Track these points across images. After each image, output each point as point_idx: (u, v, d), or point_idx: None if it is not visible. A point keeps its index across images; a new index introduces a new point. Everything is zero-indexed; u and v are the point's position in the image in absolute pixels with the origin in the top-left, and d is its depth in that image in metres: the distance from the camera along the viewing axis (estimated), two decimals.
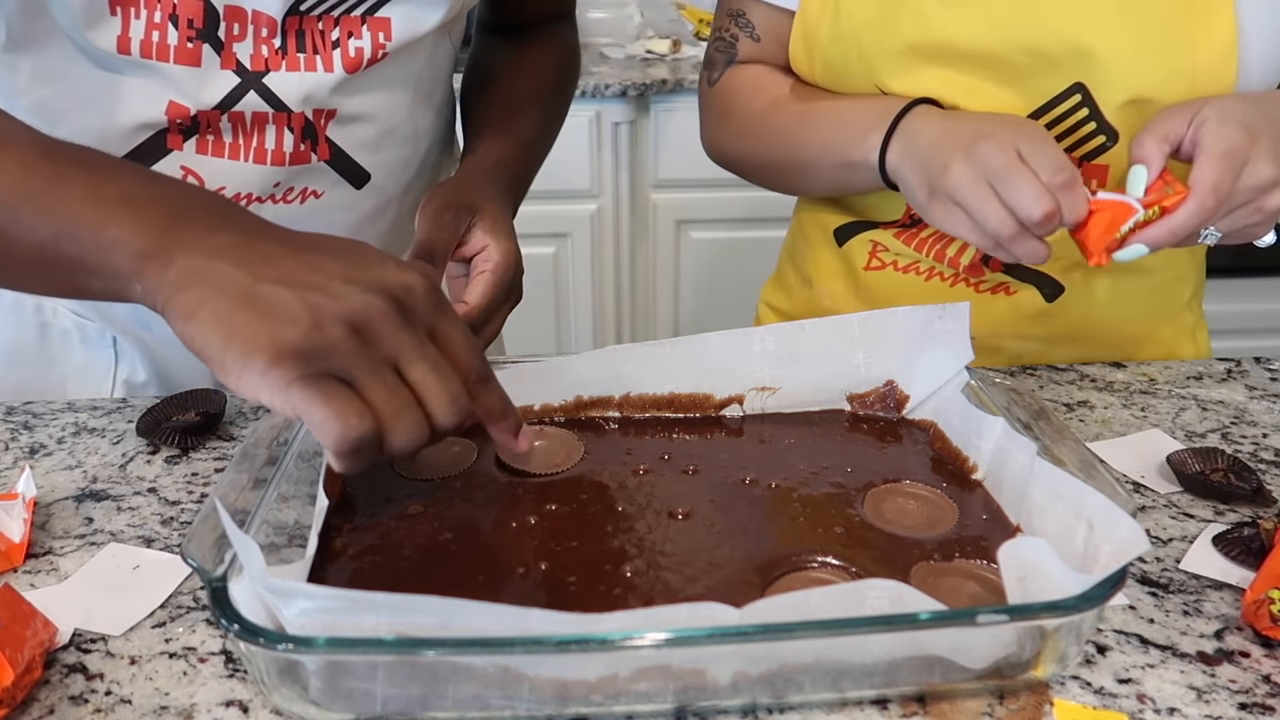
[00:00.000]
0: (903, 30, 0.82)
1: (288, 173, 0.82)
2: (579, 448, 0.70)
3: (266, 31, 0.77)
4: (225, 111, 0.78)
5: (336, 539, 0.60)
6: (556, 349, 2.46)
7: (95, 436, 0.79)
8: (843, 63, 0.85)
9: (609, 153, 2.32)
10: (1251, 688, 0.53)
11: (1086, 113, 0.80)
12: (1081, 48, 0.78)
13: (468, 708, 0.50)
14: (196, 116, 0.78)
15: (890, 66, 0.83)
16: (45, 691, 0.54)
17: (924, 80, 0.83)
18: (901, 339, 0.73)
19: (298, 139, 0.81)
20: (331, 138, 0.83)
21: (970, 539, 0.60)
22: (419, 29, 0.81)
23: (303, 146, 0.82)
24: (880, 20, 0.83)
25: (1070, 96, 0.80)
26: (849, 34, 0.84)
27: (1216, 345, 1.01)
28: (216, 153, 0.80)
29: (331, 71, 0.79)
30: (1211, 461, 0.71)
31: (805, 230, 1.01)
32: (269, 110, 0.79)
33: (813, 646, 0.49)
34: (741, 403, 0.75)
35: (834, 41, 0.85)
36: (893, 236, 0.91)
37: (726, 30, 0.95)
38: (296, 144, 0.81)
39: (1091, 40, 0.78)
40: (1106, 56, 0.78)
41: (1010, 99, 0.81)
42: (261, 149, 0.80)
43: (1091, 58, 0.78)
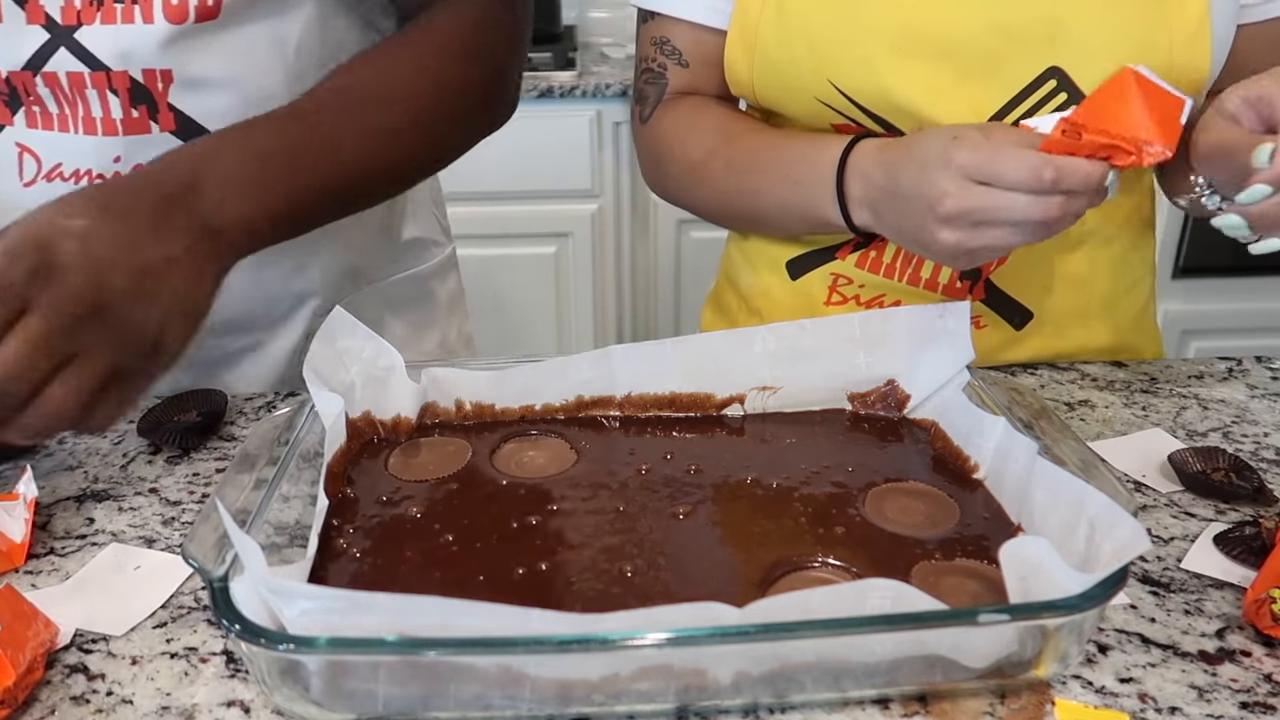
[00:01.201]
0: (862, 18, 0.79)
1: (125, 144, 0.75)
2: (570, 456, 0.70)
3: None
4: (37, 72, 0.72)
5: (337, 539, 0.60)
6: (557, 349, 2.46)
7: (96, 437, 0.79)
8: (789, 62, 0.82)
9: (610, 152, 2.32)
10: (1253, 687, 0.53)
11: (1065, 97, 0.78)
12: (1055, 23, 0.76)
13: (469, 708, 0.50)
14: (10, 81, 0.72)
15: (846, 61, 0.80)
16: (47, 692, 0.54)
17: (884, 75, 0.79)
18: (902, 338, 0.73)
19: (126, 104, 0.74)
20: (176, 105, 0.75)
21: (971, 538, 0.60)
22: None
23: (135, 113, 0.74)
24: (835, 10, 0.79)
25: (1045, 83, 0.78)
26: (797, 28, 0.80)
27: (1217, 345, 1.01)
28: (46, 125, 0.74)
29: (151, 22, 0.72)
30: (1213, 461, 0.71)
31: (749, 258, 0.96)
32: (85, 71, 0.72)
33: (814, 646, 0.49)
34: (742, 402, 0.75)
35: (779, 39, 0.81)
36: (854, 266, 0.87)
37: (653, 60, 0.90)
38: (126, 110, 0.74)
39: (1066, 20, 0.76)
40: (1081, 31, 0.76)
41: (979, 93, 0.79)
42: (89, 117, 0.74)
43: (1065, 34, 0.76)
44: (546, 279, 2.43)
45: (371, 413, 0.71)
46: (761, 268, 0.94)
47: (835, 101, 0.82)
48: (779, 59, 0.82)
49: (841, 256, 0.88)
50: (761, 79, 0.84)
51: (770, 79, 0.84)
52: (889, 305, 0.88)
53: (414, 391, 0.72)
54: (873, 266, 0.87)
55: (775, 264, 0.93)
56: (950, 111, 0.79)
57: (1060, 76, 0.78)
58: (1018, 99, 0.79)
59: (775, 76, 0.83)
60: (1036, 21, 0.77)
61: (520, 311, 2.44)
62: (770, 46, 0.82)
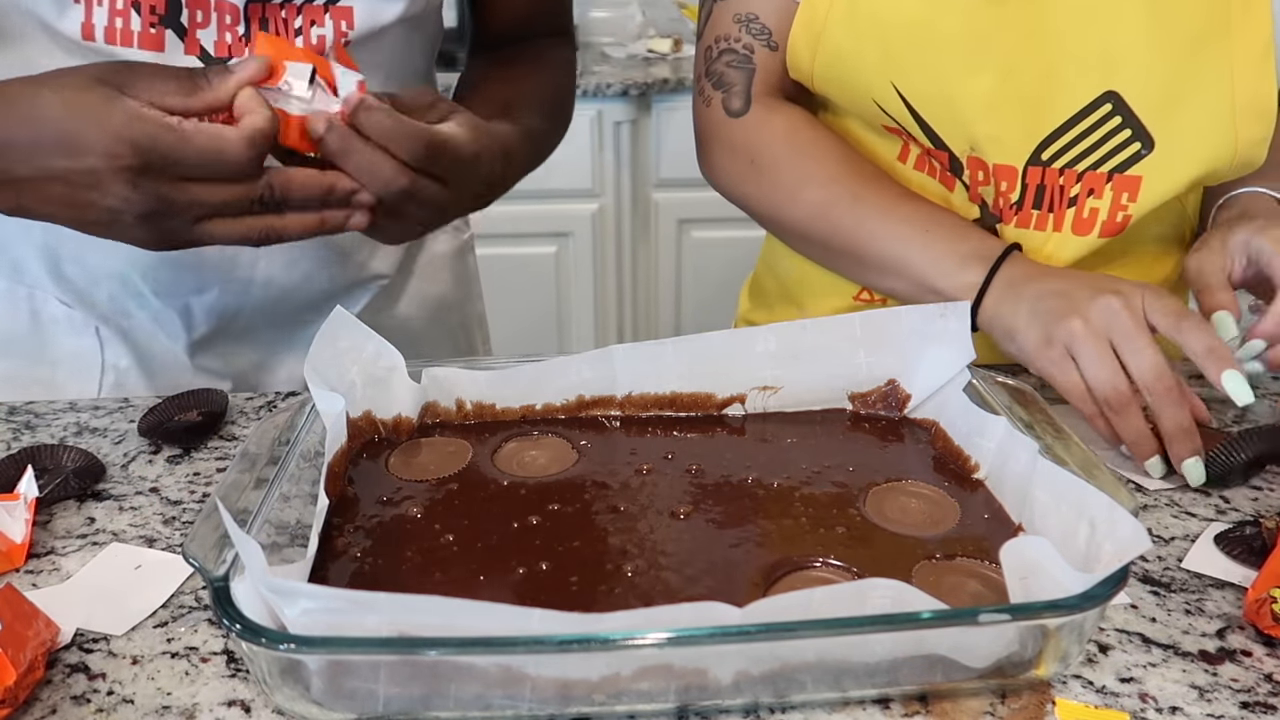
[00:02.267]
0: (938, 26, 0.78)
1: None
2: (571, 456, 0.70)
3: (230, 18, 0.77)
4: None
5: (338, 539, 0.60)
6: (558, 349, 2.46)
7: (97, 436, 0.79)
8: (855, 57, 0.81)
9: (610, 152, 2.32)
10: (1253, 686, 0.53)
11: (1119, 120, 0.78)
12: (1113, 50, 0.76)
13: (470, 707, 0.50)
14: None
15: (914, 66, 0.79)
16: (47, 691, 0.54)
17: (950, 85, 0.79)
18: (903, 338, 0.73)
19: None
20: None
21: (972, 538, 0.60)
22: (380, 19, 0.82)
23: None
24: (909, 11, 0.78)
25: (1100, 106, 0.78)
26: (868, 26, 0.80)
27: None
28: None
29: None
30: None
31: (794, 253, 0.96)
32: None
33: (815, 646, 0.49)
34: (743, 402, 0.74)
35: (849, 33, 0.80)
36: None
37: (736, 40, 0.85)
38: None
39: (1124, 41, 0.76)
40: (1139, 58, 0.76)
41: (1036, 113, 0.79)
42: None
43: (1123, 60, 0.76)
44: (547, 279, 2.43)
45: (372, 412, 0.71)
46: (799, 257, 0.94)
47: (892, 105, 0.82)
48: (846, 53, 0.81)
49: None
50: (823, 69, 0.83)
51: (832, 70, 0.83)
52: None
53: (415, 391, 0.72)
54: None
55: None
56: (1007, 129, 0.80)
57: (1116, 101, 0.78)
58: (1073, 120, 0.79)
59: (837, 69, 0.82)
60: (1094, 45, 0.77)
61: (521, 311, 2.44)
62: (838, 39, 0.81)
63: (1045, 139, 0.80)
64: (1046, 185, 0.82)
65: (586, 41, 2.65)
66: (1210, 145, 0.78)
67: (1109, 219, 0.81)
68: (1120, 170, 0.80)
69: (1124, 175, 0.80)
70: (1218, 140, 0.78)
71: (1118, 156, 0.80)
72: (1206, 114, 0.77)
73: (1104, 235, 0.82)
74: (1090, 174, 0.80)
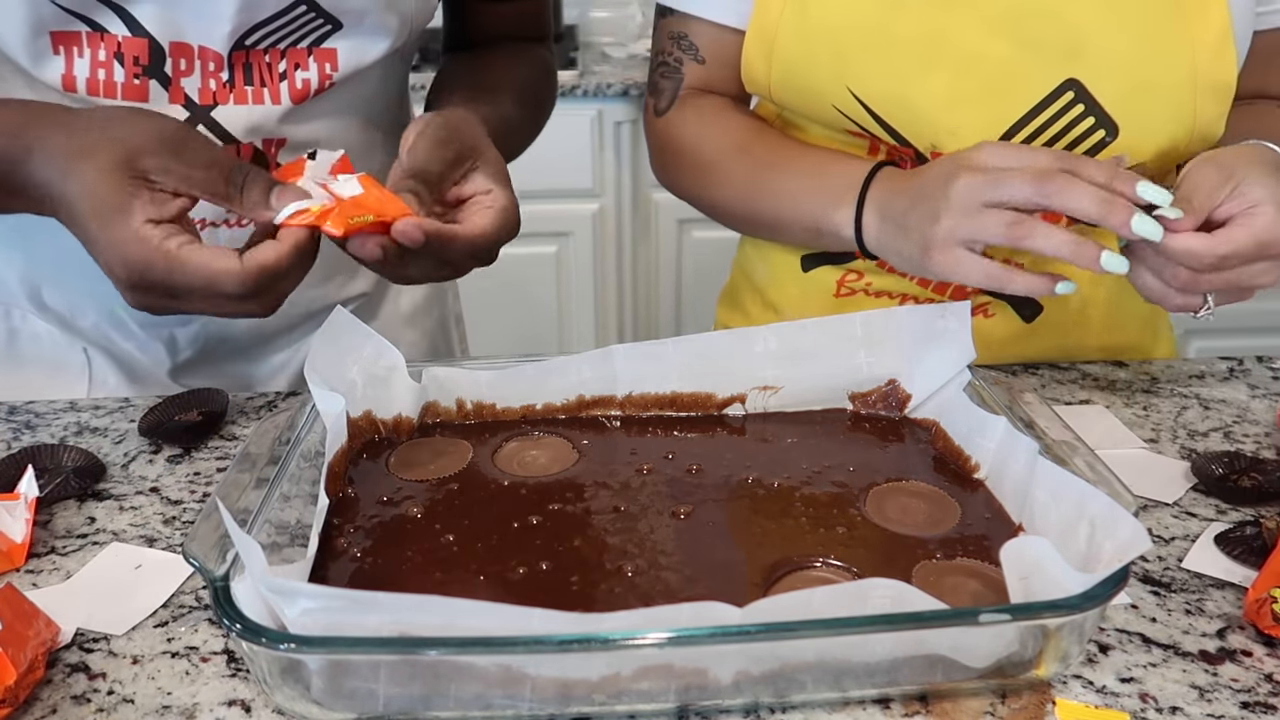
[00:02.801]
0: (890, 27, 0.79)
1: None
2: (571, 455, 0.70)
3: (214, 66, 0.77)
4: None
5: (338, 539, 0.60)
6: (558, 349, 2.46)
7: (97, 436, 0.79)
8: (809, 65, 0.82)
9: (611, 152, 2.32)
10: (1254, 686, 0.53)
11: (1083, 108, 0.79)
12: (1073, 36, 0.76)
13: (470, 707, 0.50)
14: None
15: (869, 69, 0.80)
16: (48, 691, 0.54)
17: (907, 85, 0.79)
18: (903, 338, 0.73)
19: None
20: (282, 163, 0.81)
21: (972, 538, 0.60)
22: (365, 58, 0.82)
23: None
24: (861, 17, 0.79)
25: (1062, 94, 0.78)
26: (819, 33, 0.80)
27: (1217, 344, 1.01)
28: None
29: (279, 104, 0.80)
30: (1234, 464, 0.72)
31: (764, 253, 0.97)
32: (218, 142, 0.79)
33: (815, 646, 0.49)
34: (744, 402, 0.74)
35: (800, 42, 0.81)
36: (875, 265, 0.88)
37: (669, 54, 0.91)
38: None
39: (1084, 32, 0.76)
40: (1101, 45, 0.77)
41: (998, 105, 0.79)
42: None
43: (1084, 47, 0.77)
44: (548, 278, 2.43)
45: (373, 412, 0.71)
46: (775, 262, 0.95)
47: (851, 110, 0.82)
48: (799, 62, 0.82)
49: (858, 254, 0.88)
50: (779, 80, 0.84)
51: (788, 81, 0.84)
52: (895, 300, 0.89)
53: (415, 391, 0.72)
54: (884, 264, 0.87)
55: (789, 258, 0.93)
56: (969, 121, 0.79)
57: (1078, 89, 0.78)
58: (1035, 110, 0.79)
59: (793, 79, 0.83)
60: (1055, 34, 0.77)
61: (521, 311, 2.44)
62: (790, 49, 0.82)
63: (1008, 131, 0.80)
64: None
65: (587, 41, 2.64)
66: (1171, 125, 0.78)
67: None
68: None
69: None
70: (1178, 120, 0.78)
71: (1083, 145, 0.80)
72: (1168, 97, 0.77)
73: (1071, 223, 0.82)
74: None
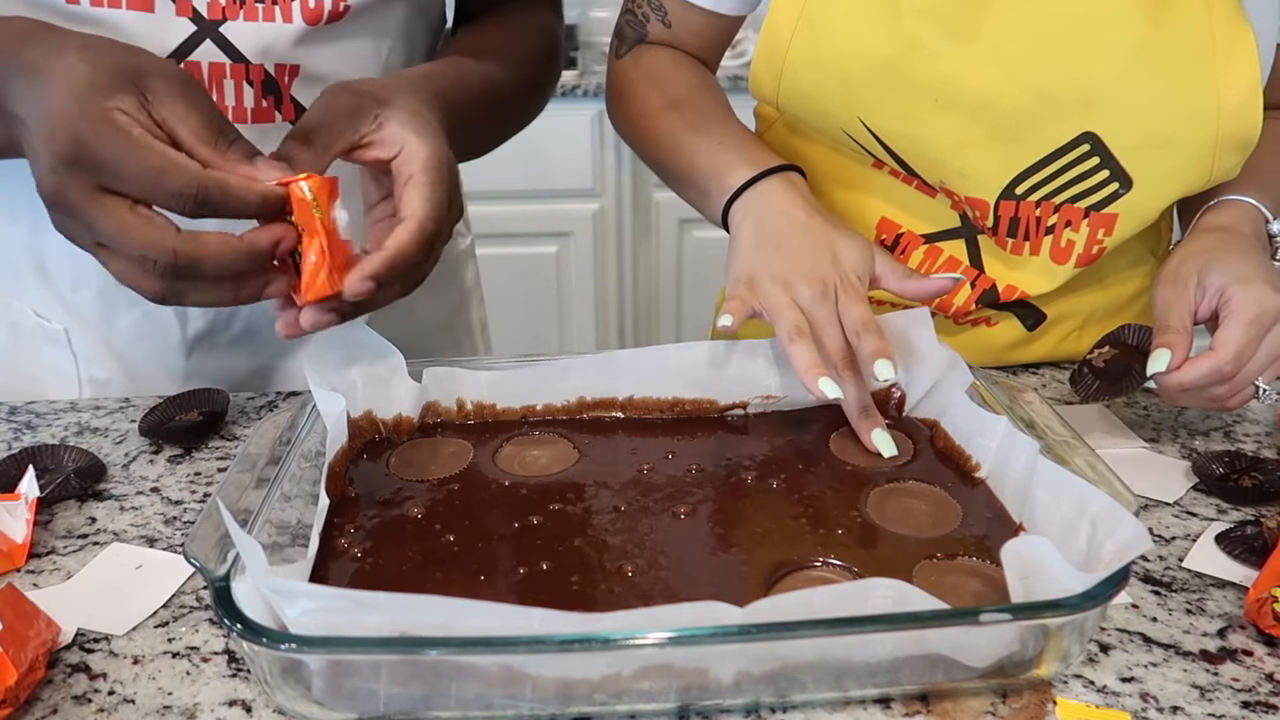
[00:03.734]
0: (903, 67, 0.76)
1: (250, 132, 0.76)
2: (572, 455, 0.70)
3: None
4: (181, 61, 0.75)
5: (339, 539, 0.60)
6: (559, 348, 2.46)
7: (98, 436, 0.79)
8: (818, 89, 0.80)
9: (611, 152, 2.32)
10: (1254, 686, 0.53)
11: (1098, 161, 0.76)
12: (1092, 93, 0.74)
13: (471, 707, 0.50)
14: None
15: (881, 106, 0.78)
16: (48, 691, 0.54)
17: (919, 124, 0.78)
18: (904, 338, 0.73)
19: (259, 94, 0.78)
20: (297, 97, 0.80)
21: (973, 538, 0.60)
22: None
23: (265, 103, 0.79)
24: (874, 52, 0.77)
25: (1078, 146, 0.76)
26: (831, 61, 0.78)
27: None
28: None
29: (290, 22, 0.77)
30: (1234, 464, 0.72)
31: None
32: (226, 62, 0.76)
33: (816, 645, 0.49)
34: (745, 408, 0.75)
35: (810, 67, 0.79)
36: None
37: (638, 8, 0.92)
38: (258, 100, 0.78)
39: (1103, 86, 0.74)
40: (1120, 101, 0.74)
41: (1009, 151, 0.78)
42: (221, 105, 0.76)
43: (1102, 100, 0.74)
44: (548, 278, 2.43)
45: (373, 412, 0.71)
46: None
47: (860, 136, 0.81)
48: (809, 88, 0.81)
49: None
50: (788, 102, 0.83)
51: (796, 103, 0.83)
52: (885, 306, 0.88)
53: (415, 391, 0.72)
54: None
55: None
56: (979, 164, 0.78)
57: (1094, 142, 0.76)
58: (1047, 159, 0.77)
59: (801, 100, 0.82)
60: (1073, 86, 0.74)
61: (522, 311, 2.44)
62: (799, 74, 0.80)
63: (1018, 175, 0.79)
64: (1021, 217, 0.81)
65: (587, 41, 2.64)
66: (1187, 178, 0.77)
67: (1085, 251, 0.81)
68: (1097, 209, 0.79)
69: (1100, 213, 0.79)
70: (1196, 173, 0.76)
71: (1095, 195, 0.78)
72: (1187, 153, 0.75)
73: (1079, 265, 0.82)
74: (1067, 206, 0.79)
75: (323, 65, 0.81)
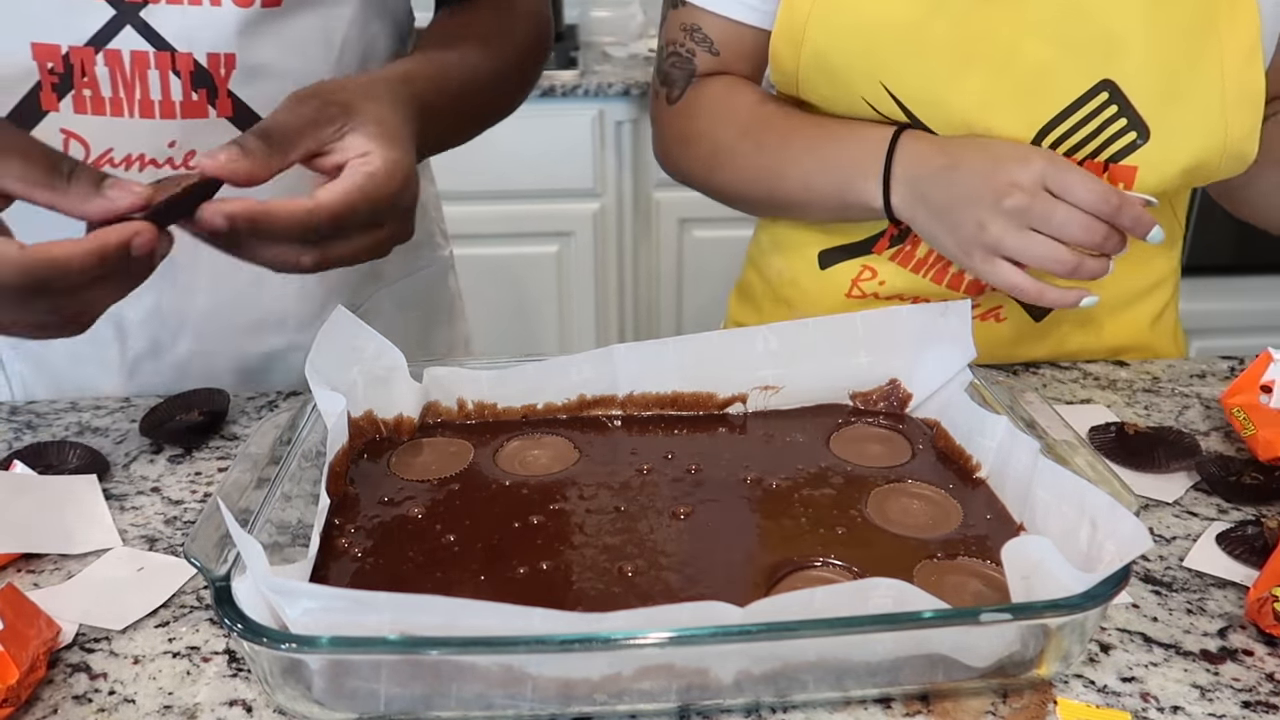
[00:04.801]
0: (927, 28, 0.78)
1: (181, 128, 0.75)
2: (572, 455, 0.70)
3: None
4: (100, 49, 0.71)
5: (340, 539, 0.60)
6: (559, 348, 2.46)
7: (99, 436, 0.79)
8: (841, 61, 0.81)
9: (611, 151, 2.32)
10: (1255, 686, 0.53)
11: (1116, 109, 0.78)
12: (1109, 39, 0.76)
13: (471, 707, 0.50)
14: (69, 59, 0.71)
15: (903, 68, 0.79)
16: (49, 690, 0.54)
17: (943, 84, 0.79)
18: (904, 337, 0.73)
19: (188, 86, 0.74)
20: (236, 92, 0.76)
21: (974, 538, 0.60)
22: None
23: (195, 96, 0.74)
24: (897, 16, 0.78)
25: (1097, 94, 0.78)
26: (851, 28, 0.79)
27: (1217, 344, 1.02)
28: (97, 110, 0.73)
29: (219, 5, 0.73)
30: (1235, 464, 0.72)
31: (780, 245, 0.96)
32: (150, 50, 0.72)
33: (816, 645, 0.49)
34: (744, 401, 0.74)
35: (830, 37, 0.80)
36: (888, 260, 0.88)
37: (682, 45, 0.90)
38: (187, 93, 0.74)
39: (1121, 32, 0.76)
40: (1136, 49, 0.76)
41: (1033, 103, 0.79)
42: (147, 100, 0.73)
43: (1120, 49, 0.77)
44: (549, 278, 2.43)
45: (374, 412, 0.71)
46: (792, 255, 0.94)
47: (882, 104, 0.81)
48: (829, 56, 0.81)
49: (878, 250, 0.88)
50: (808, 74, 0.83)
51: (818, 75, 0.83)
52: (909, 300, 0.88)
53: (416, 391, 0.72)
54: (904, 260, 0.87)
55: (806, 253, 0.93)
56: (1003, 122, 0.79)
57: (1112, 89, 0.78)
58: (1069, 110, 0.79)
59: (823, 73, 0.82)
60: (1093, 35, 0.77)
61: (522, 310, 2.44)
62: (819, 44, 0.81)
63: (1044, 128, 0.80)
64: None
65: (588, 41, 2.64)
66: (1202, 135, 0.78)
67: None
68: (1116, 160, 0.80)
69: (1119, 165, 0.80)
70: (1209, 130, 0.78)
71: (1114, 145, 0.80)
72: (1200, 104, 0.78)
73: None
74: (1088, 162, 0.80)
75: (264, 56, 0.76)
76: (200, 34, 0.73)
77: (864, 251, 0.89)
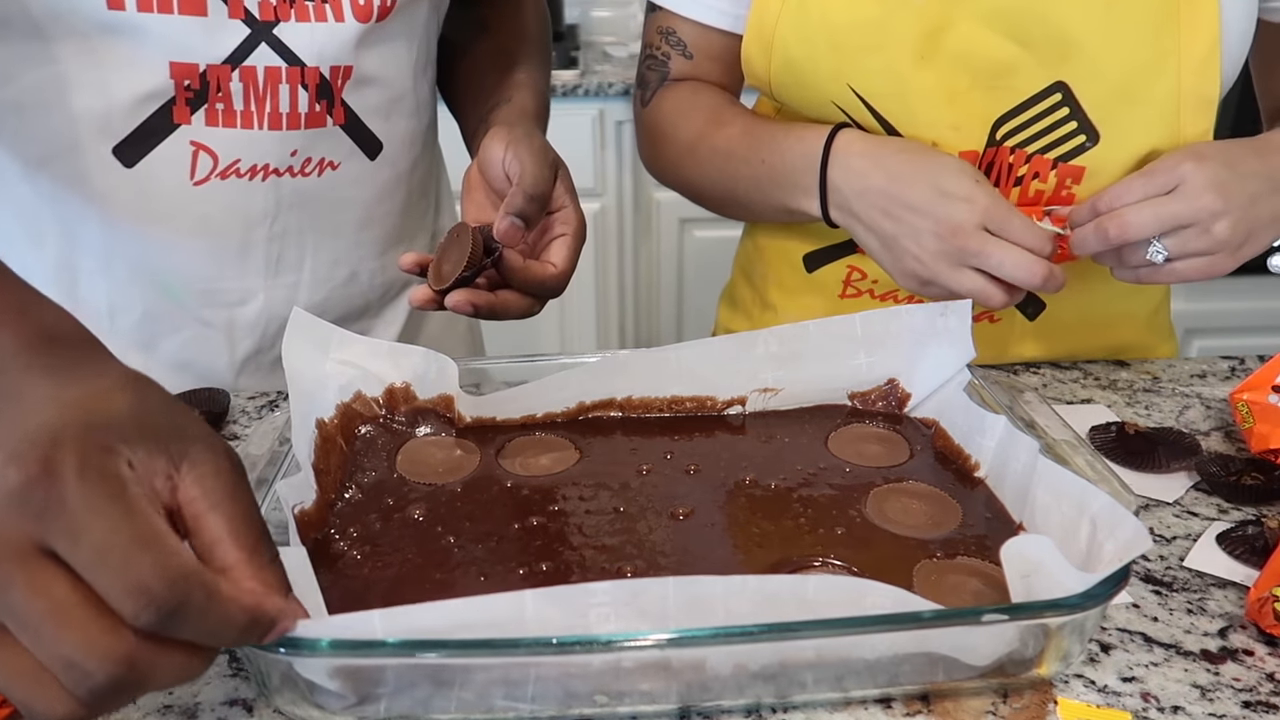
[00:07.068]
0: (889, 24, 0.79)
1: (303, 138, 0.80)
2: (573, 455, 0.70)
3: None
4: (236, 66, 0.75)
5: (339, 541, 0.60)
6: (560, 348, 2.46)
7: None
8: (809, 62, 0.82)
9: (612, 151, 2.32)
10: (1255, 686, 0.53)
11: (1067, 111, 0.79)
12: (1066, 41, 0.77)
13: (471, 709, 0.50)
14: (206, 76, 0.74)
15: (868, 66, 0.80)
16: None
17: (905, 81, 0.80)
18: (904, 337, 0.73)
19: (312, 98, 0.79)
20: (347, 101, 0.81)
21: (973, 538, 0.60)
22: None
23: (318, 107, 0.79)
24: (860, 14, 0.79)
25: (1051, 95, 0.79)
26: (818, 29, 0.80)
27: (1217, 344, 1.02)
28: (228, 123, 0.77)
29: (343, 21, 0.78)
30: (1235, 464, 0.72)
31: (763, 252, 0.97)
32: (282, 65, 0.76)
33: (815, 642, 0.49)
34: (744, 404, 0.74)
35: (799, 38, 0.81)
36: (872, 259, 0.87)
37: (657, 48, 0.93)
38: (311, 104, 0.79)
39: (1076, 34, 0.77)
40: (1091, 52, 0.77)
41: (988, 99, 0.80)
42: (276, 113, 0.78)
43: (1076, 52, 0.77)
44: None
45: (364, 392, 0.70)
46: (778, 261, 0.95)
47: (851, 106, 0.82)
48: (798, 58, 0.82)
49: (861, 250, 0.88)
50: (779, 77, 0.84)
51: (788, 77, 0.84)
52: (903, 299, 0.89)
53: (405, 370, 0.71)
54: None
55: (792, 257, 0.93)
56: (962, 116, 0.80)
57: (1065, 92, 0.79)
58: (1023, 105, 0.80)
59: (793, 75, 0.83)
60: (1048, 36, 0.77)
61: None
62: (789, 45, 0.82)
63: (998, 119, 0.81)
64: (997, 162, 0.83)
65: (588, 41, 2.64)
66: (1155, 137, 0.79)
67: (1054, 196, 0.83)
68: (1065, 160, 0.81)
69: (1068, 165, 0.81)
70: (1162, 133, 0.79)
71: (1063, 146, 0.81)
72: (1154, 107, 0.78)
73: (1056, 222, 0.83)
74: (1038, 157, 0.81)
75: (371, 67, 0.81)
76: (326, 48, 0.78)
77: (849, 251, 0.90)
